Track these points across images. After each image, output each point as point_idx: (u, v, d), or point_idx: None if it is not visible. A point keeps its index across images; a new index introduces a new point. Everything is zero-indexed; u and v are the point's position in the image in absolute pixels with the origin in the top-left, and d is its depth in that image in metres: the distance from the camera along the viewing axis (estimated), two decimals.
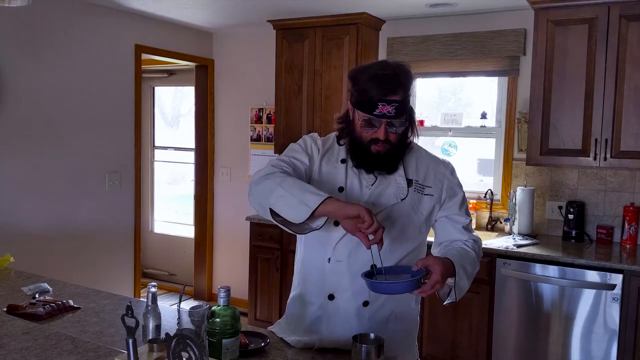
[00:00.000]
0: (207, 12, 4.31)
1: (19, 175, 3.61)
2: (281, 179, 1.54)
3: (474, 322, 3.37)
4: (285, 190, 1.49)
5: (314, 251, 1.66)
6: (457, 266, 1.56)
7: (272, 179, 1.55)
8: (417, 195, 1.67)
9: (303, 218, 1.44)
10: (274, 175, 1.56)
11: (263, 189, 1.55)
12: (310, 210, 1.43)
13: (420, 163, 1.72)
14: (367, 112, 1.55)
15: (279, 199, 1.49)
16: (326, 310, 1.66)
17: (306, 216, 1.43)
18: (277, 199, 1.50)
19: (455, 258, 1.58)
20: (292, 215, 1.47)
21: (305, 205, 1.44)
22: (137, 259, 4.49)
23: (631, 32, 3.13)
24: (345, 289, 1.63)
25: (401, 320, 1.70)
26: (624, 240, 3.41)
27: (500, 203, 3.94)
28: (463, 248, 1.68)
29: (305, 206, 1.43)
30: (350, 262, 1.61)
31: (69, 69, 3.87)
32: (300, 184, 1.52)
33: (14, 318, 1.72)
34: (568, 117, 3.33)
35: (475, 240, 1.74)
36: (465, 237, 1.72)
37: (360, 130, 1.60)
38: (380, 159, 1.61)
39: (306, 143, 1.73)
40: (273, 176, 1.56)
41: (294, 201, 1.46)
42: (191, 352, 1.18)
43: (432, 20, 4.08)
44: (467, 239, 1.71)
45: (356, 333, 1.48)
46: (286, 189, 1.49)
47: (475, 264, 1.67)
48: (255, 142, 4.89)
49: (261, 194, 1.55)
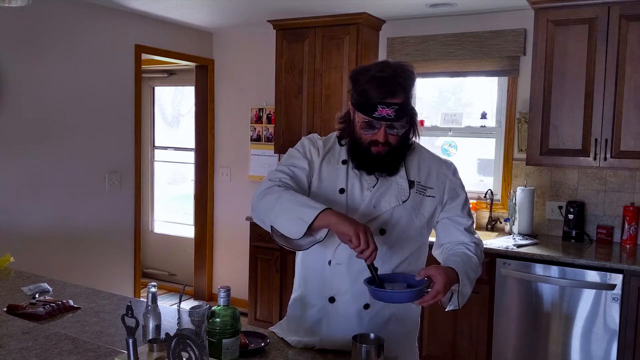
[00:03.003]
0: (207, 12, 4.31)
1: (19, 175, 3.61)
2: (278, 194, 1.54)
3: (474, 322, 3.37)
4: (282, 206, 1.50)
5: (315, 254, 1.65)
6: (461, 275, 1.55)
7: (270, 194, 1.55)
8: (419, 197, 1.66)
9: (300, 233, 1.45)
10: (272, 191, 1.56)
11: (263, 207, 1.56)
12: (305, 225, 1.43)
13: (422, 164, 1.70)
14: (367, 114, 1.54)
15: (277, 217, 1.51)
16: (327, 313, 1.65)
17: (302, 231, 1.44)
18: (276, 217, 1.51)
19: (458, 266, 1.57)
20: (291, 231, 1.48)
21: (302, 220, 1.44)
22: (137, 259, 4.49)
23: (631, 32, 3.13)
24: (346, 291, 1.62)
25: (402, 321, 1.70)
26: (624, 240, 3.41)
27: (500, 203, 3.94)
28: (465, 253, 1.66)
29: (302, 221, 1.44)
30: (350, 265, 1.60)
31: (69, 69, 3.87)
32: (297, 198, 1.52)
33: (14, 318, 1.72)
34: (568, 117, 3.33)
35: (477, 243, 1.72)
36: (467, 239, 1.70)
37: (360, 132, 1.60)
38: (380, 160, 1.60)
39: (304, 147, 1.71)
40: (270, 191, 1.56)
41: (291, 217, 1.47)
42: (191, 352, 1.18)
43: (432, 20, 4.08)
44: (469, 242, 1.70)
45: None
46: (283, 204, 1.50)
47: (477, 269, 1.66)
48: (255, 142, 4.88)
49: (262, 212, 1.56)
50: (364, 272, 1.57)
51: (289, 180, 1.61)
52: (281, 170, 1.64)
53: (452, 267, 1.56)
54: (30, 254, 3.55)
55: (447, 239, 1.73)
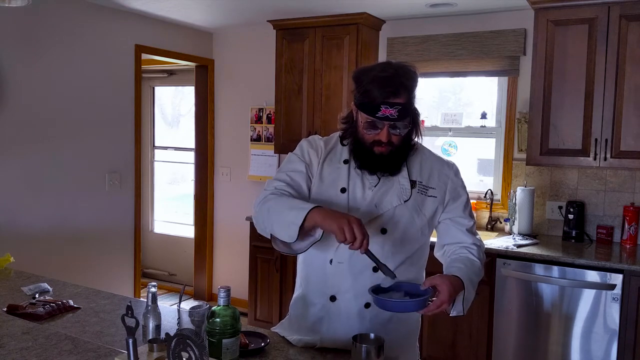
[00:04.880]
0: (207, 12, 4.31)
1: (19, 175, 3.61)
2: (271, 203, 1.56)
3: (474, 323, 3.37)
4: (275, 213, 1.53)
5: (316, 253, 1.66)
6: (466, 282, 1.55)
7: (265, 203, 1.58)
8: (421, 196, 1.66)
9: (294, 237, 1.46)
10: (266, 200, 1.59)
11: (260, 218, 1.60)
12: (296, 227, 1.44)
13: (424, 164, 1.71)
14: (370, 114, 1.55)
15: (272, 224, 1.53)
16: (328, 311, 1.66)
17: (295, 235, 1.45)
18: (272, 225, 1.54)
19: (462, 273, 1.57)
20: (285, 236, 1.49)
21: (292, 223, 1.45)
22: (137, 259, 4.49)
23: (631, 32, 3.13)
24: (347, 290, 1.62)
25: (403, 321, 1.70)
26: (624, 240, 3.41)
27: (500, 203, 3.94)
28: (469, 258, 1.66)
29: (293, 224, 1.45)
30: (351, 263, 1.61)
31: (69, 69, 3.87)
32: (288, 202, 1.54)
33: (14, 318, 1.72)
34: (568, 117, 3.33)
35: (479, 245, 1.71)
36: (469, 240, 1.70)
37: (363, 132, 1.60)
38: (383, 160, 1.60)
39: (302, 150, 1.72)
40: (266, 200, 1.59)
41: (284, 222, 1.49)
42: (191, 352, 1.18)
43: (432, 20, 4.08)
44: (470, 243, 1.69)
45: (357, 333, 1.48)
46: (276, 212, 1.53)
47: (480, 272, 1.66)
48: (255, 142, 4.88)
49: (261, 223, 1.60)
50: (365, 271, 1.57)
51: (285, 187, 1.62)
52: (277, 178, 1.66)
53: (457, 274, 1.56)
54: (30, 254, 3.55)
55: (448, 239, 1.72)
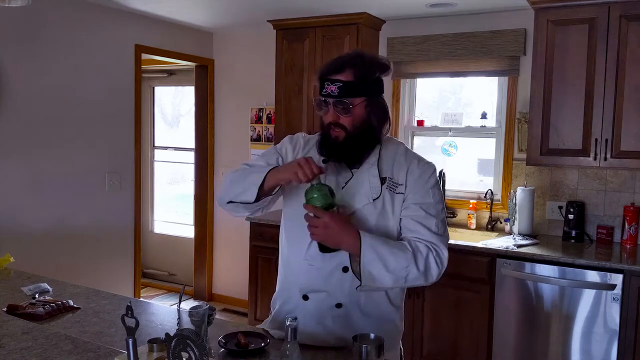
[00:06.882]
0: (207, 12, 4.31)
1: (19, 175, 3.61)
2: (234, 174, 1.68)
3: (474, 322, 3.37)
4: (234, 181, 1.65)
5: (292, 250, 1.69)
6: (365, 245, 1.48)
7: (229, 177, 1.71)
8: (390, 194, 1.62)
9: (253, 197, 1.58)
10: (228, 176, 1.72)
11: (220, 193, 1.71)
12: (256, 187, 1.56)
13: (397, 160, 1.65)
14: (319, 93, 1.61)
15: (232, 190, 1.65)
16: (301, 310, 1.67)
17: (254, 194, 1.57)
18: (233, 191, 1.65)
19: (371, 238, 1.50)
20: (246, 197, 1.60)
21: (253, 184, 1.58)
22: (137, 259, 4.49)
23: (631, 32, 3.13)
24: (318, 290, 1.64)
25: (376, 321, 1.66)
26: (624, 240, 3.41)
27: (501, 203, 3.94)
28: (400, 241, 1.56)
29: (253, 185, 1.57)
30: (322, 265, 1.62)
31: (69, 69, 3.87)
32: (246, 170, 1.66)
33: (14, 318, 1.72)
34: (568, 117, 3.33)
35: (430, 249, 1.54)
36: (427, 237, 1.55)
37: (319, 116, 1.67)
38: (339, 146, 1.59)
39: (283, 144, 1.78)
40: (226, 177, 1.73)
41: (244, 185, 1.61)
42: (191, 352, 1.18)
43: (432, 20, 4.08)
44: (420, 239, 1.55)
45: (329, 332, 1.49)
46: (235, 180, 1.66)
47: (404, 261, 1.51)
48: (255, 142, 4.88)
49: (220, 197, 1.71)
50: (335, 272, 1.60)
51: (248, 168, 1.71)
52: (246, 163, 1.75)
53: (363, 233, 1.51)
54: (30, 254, 3.55)
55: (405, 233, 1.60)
